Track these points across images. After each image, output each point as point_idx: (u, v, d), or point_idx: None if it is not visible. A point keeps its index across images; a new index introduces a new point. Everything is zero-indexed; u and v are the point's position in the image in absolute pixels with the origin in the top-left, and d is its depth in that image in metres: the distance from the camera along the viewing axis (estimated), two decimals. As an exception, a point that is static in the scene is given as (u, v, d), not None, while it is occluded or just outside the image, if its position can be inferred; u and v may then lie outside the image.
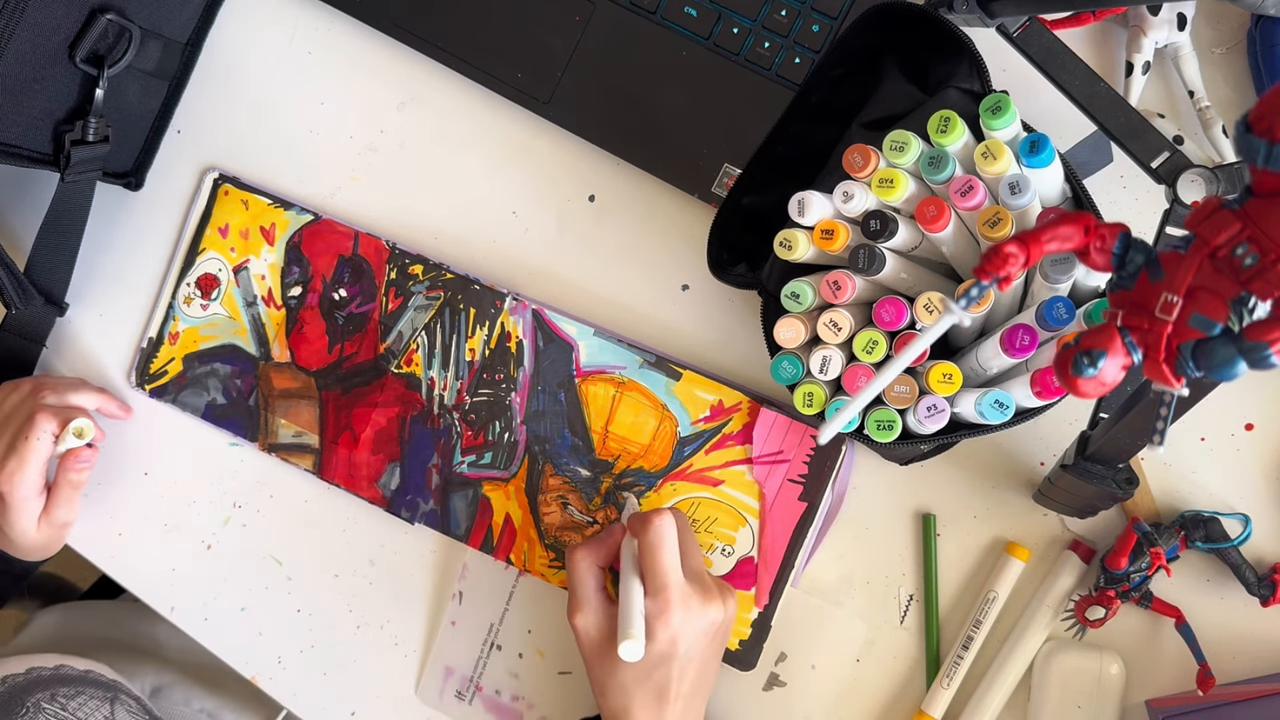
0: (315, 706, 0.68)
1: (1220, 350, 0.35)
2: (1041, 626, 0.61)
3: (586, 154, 0.68)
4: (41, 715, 0.57)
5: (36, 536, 0.66)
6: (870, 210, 0.52)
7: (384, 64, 0.70)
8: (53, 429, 0.64)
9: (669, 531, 0.56)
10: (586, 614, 0.58)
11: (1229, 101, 0.62)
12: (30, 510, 0.65)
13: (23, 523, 0.65)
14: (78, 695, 0.60)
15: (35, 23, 0.58)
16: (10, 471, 0.63)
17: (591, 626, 0.57)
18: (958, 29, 0.55)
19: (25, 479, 0.64)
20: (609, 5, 0.66)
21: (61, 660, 0.62)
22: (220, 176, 0.70)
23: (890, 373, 0.44)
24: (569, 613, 0.58)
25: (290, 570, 0.69)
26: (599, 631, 0.57)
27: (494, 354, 0.67)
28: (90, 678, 0.63)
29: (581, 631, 0.58)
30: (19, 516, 0.64)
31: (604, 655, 0.57)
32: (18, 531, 0.65)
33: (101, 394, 0.69)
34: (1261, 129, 0.34)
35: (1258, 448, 0.61)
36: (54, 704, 0.58)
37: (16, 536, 0.66)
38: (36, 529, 0.65)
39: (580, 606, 0.58)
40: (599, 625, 0.57)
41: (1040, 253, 0.40)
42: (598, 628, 0.57)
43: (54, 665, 0.60)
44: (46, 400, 0.65)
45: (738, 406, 0.64)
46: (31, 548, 0.67)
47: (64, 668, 0.61)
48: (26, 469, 0.63)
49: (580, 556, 0.59)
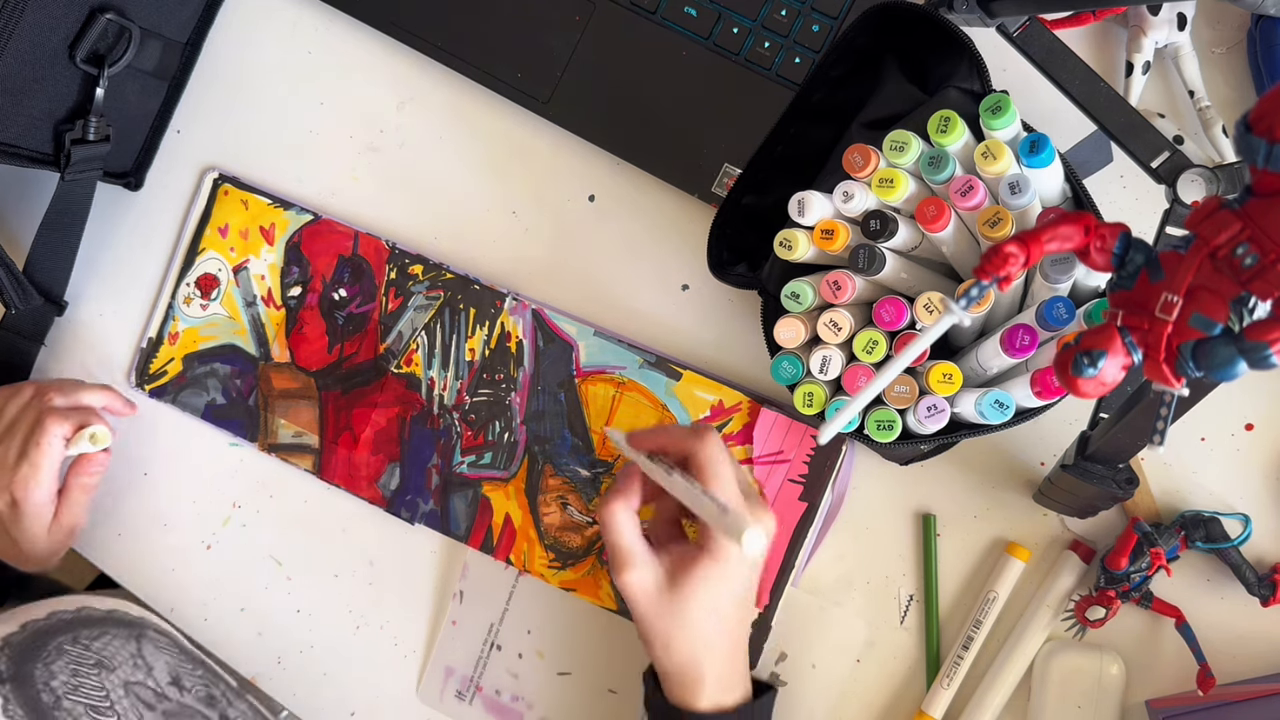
0: (315, 706, 0.68)
1: (1220, 350, 0.35)
2: (1041, 626, 0.61)
3: (586, 154, 0.68)
4: (64, 658, 0.55)
5: (46, 543, 0.65)
6: (870, 210, 0.52)
7: (384, 64, 0.70)
8: (64, 432, 0.63)
9: (724, 445, 0.53)
10: (638, 567, 0.52)
11: (1229, 101, 0.62)
12: (43, 516, 0.64)
13: (34, 529, 0.64)
14: (102, 635, 0.59)
15: (35, 22, 0.58)
16: (24, 477, 0.63)
17: (647, 578, 0.53)
18: (958, 29, 0.55)
19: (40, 484, 0.63)
20: (609, 5, 0.66)
21: (83, 602, 0.60)
22: (220, 176, 0.70)
23: (890, 373, 0.44)
24: (616, 572, 0.53)
25: (290, 570, 0.69)
26: (655, 582, 0.53)
27: (494, 354, 0.67)
28: (115, 616, 0.61)
29: (636, 587, 0.53)
30: (31, 522, 0.64)
31: (666, 604, 0.52)
32: (28, 538, 0.64)
33: (106, 391, 0.68)
34: (1261, 129, 0.34)
35: (1258, 448, 0.61)
36: (77, 645, 0.57)
37: (25, 543, 0.65)
38: (47, 534, 0.65)
39: (628, 561, 0.52)
40: (654, 574, 0.53)
41: (1040, 253, 0.40)
42: (654, 578, 0.53)
43: (76, 608, 0.58)
44: (54, 403, 0.65)
45: (738, 407, 0.64)
46: (38, 556, 0.66)
47: (86, 609, 0.59)
48: (40, 474, 0.63)
49: (616, 508, 0.53)
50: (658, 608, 0.53)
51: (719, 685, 0.54)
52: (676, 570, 0.53)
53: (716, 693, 0.54)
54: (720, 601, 0.53)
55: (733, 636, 0.55)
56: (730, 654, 0.55)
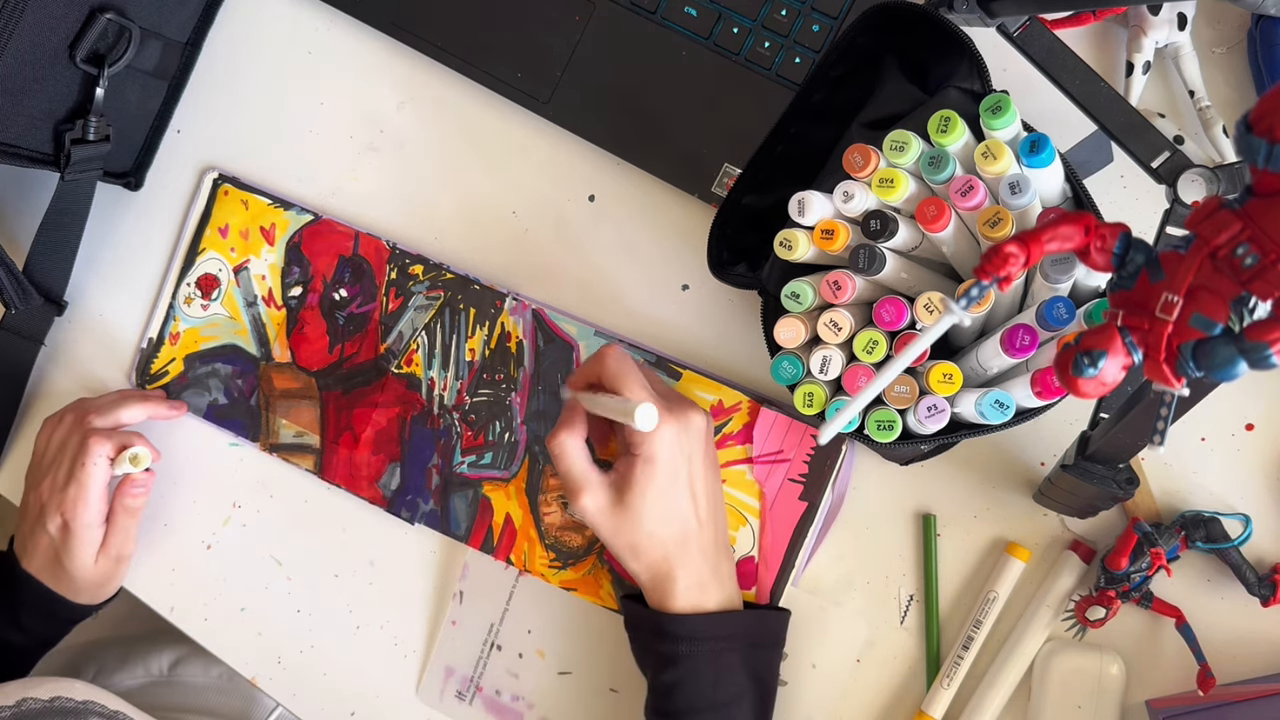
0: (315, 706, 0.68)
1: (1221, 350, 0.35)
2: (1042, 626, 0.61)
3: (586, 154, 0.68)
4: None
5: (94, 571, 0.65)
6: (870, 210, 0.52)
7: (384, 64, 0.70)
8: (107, 452, 0.63)
9: (624, 356, 0.56)
10: (591, 490, 0.56)
11: (1229, 101, 0.62)
12: (92, 539, 0.64)
13: (83, 553, 0.64)
14: None
15: (35, 22, 0.58)
16: (73, 499, 0.63)
17: (600, 498, 0.56)
18: (958, 29, 0.55)
19: (89, 505, 0.63)
20: (609, 5, 0.66)
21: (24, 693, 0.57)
22: (220, 176, 0.70)
23: (890, 373, 0.44)
24: (572, 498, 0.56)
25: (290, 570, 0.69)
26: (607, 499, 0.56)
27: (494, 354, 0.67)
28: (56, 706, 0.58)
29: (591, 508, 0.56)
30: (80, 546, 0.64)
31: (621, 515, 0.55)
32: (77, 564, 0.64)
33: (147, 402, 0.68)
34: (1261, 129, 0.34)
35: (1258, 448, 0.61)
36: None
37: (75, 570, 0.64)
38: (95, 562, 0.65)
39: (580, 486, 0.56)
40: (605, 493, 0.56)
41: (1040, 253, 0.40)
42: (605, 496, 0.56)
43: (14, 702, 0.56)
44: (94, 424, 0.65)
45: (738, 406, 0.64)
46: (88, 584, 0.65)
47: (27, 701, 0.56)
48: (88, 494, 0.63)
49: (562, 437, 0.56)
50: (614, 521, 0.56)
51: (696, 585, 0.56)
52: (621, 483, 0.56)
53: (692, 593, 0.56)
54: (672, 498, 0.56)
55: (702, 534, 0.57)
56: (703, 552, 0.57)
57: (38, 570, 0.65)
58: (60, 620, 0.68)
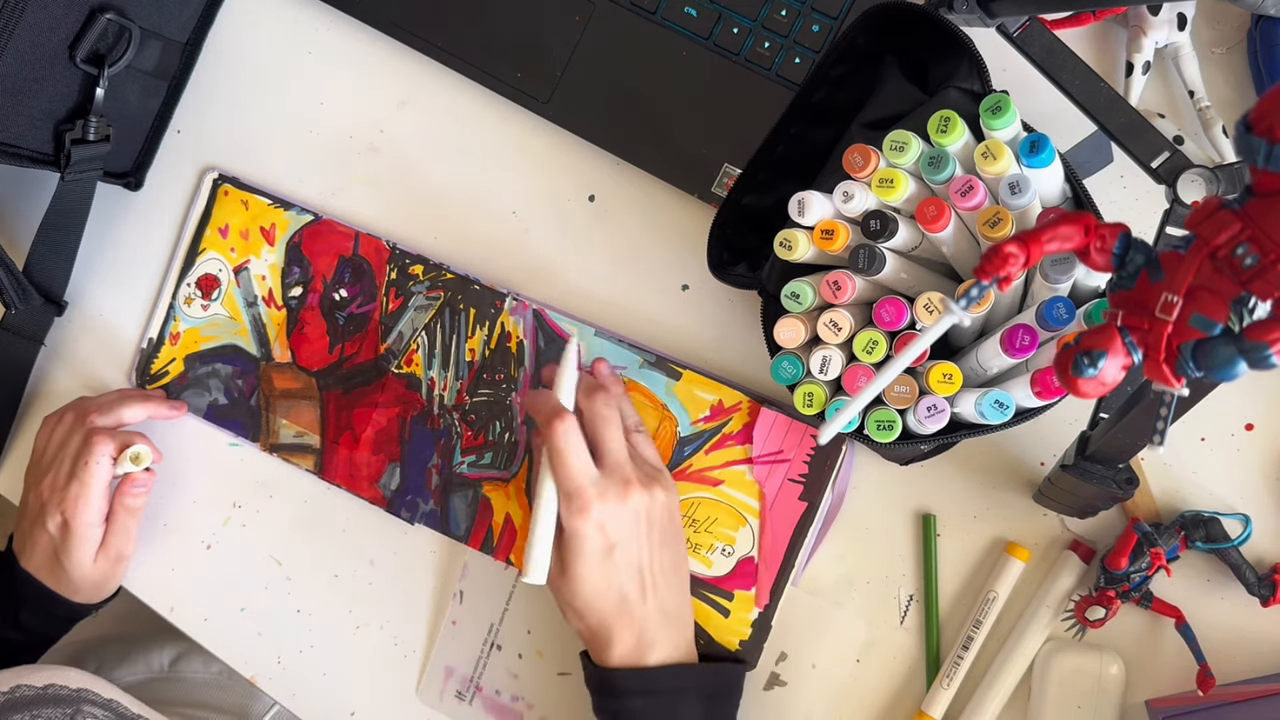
0: (315, 706, 0.68)
1: (1220, 350, 0.35)
2: (1041, 626, 0.61)
3: (586, 154, 0.68)
4: None
5: (92, 570, 0.65)
6: (870, 210, 0.52)
7: (384, 64, 0.70)
8: (110, 451, 0.63)
9: (569, 434, 0.56)
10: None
11: (1229, 101, 0.62)
12: (92, 539, 0.64)
13: (82, 553, 0.64)
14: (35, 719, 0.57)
15: (35, 22, 0.58)
16: (74, 497, 0.63)
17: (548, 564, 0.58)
18: (958, 29, 0.55)
19: (90, 504, 0.63)
20: (609, 5, 0.66)
21: (18, 680, 0.58)
22: (220, 176, 0.70)
23: (890, 373, 0.44)
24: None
25: (290, 570, 0.69)
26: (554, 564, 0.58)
27: (494, 354, 0.67)
28: (49, 694, 0.59)
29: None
30: (79, 544, 0.64)
31: (560, 580, 0.57)
32: (75, 563, 0.64)
33: (148, 402, 0.68)
34: (1261, 129, 0.34)
35: (1258, 448, 0.61)
36: None
37: (73, 569, 0.64)
38: (94, 561, 0.65)
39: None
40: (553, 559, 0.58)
41: (1040, 253, 0.40)
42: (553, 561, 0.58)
43: (9, 688, 0.56)
44: (96, 422, 0.65)
45: (738, 406, 0.64)
46: (88, 583, 0.65)
47: (20, 688, 0.57)
48: (90, 493, 0.63)
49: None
50: (556, 584, 0.57)
51: (633, 647, 0.56)
52: (562, 550, 0.57)
53: (630, 653, 0.56)
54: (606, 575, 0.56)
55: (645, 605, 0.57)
56: (645, 619, 0.57)
57: (37, 569, 0.65)
58: (59, 619, 0.68)
